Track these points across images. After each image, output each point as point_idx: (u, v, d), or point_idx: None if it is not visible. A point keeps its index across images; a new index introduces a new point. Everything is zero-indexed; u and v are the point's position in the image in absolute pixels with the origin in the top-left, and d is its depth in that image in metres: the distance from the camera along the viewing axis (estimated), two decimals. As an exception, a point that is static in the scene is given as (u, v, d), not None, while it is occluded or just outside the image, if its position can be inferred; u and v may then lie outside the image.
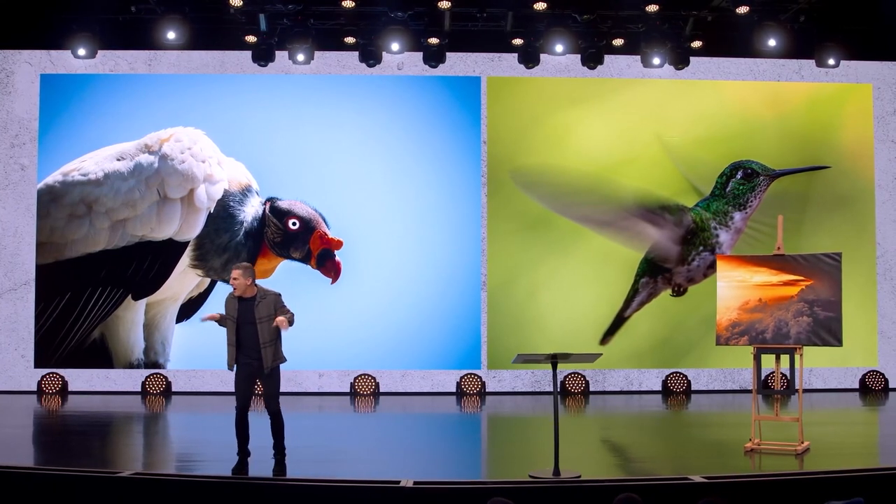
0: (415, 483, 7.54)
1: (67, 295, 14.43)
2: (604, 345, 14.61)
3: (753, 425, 9.54)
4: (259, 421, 8.69)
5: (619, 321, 14.72)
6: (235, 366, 8.45)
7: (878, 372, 15.11)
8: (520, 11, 13.89)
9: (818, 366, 14.79)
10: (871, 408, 13.90)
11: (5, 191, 14.74)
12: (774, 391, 10.05)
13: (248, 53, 14.16)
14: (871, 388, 15.01)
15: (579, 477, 7.89)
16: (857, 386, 15.11)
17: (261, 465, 8.36)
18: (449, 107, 15.05)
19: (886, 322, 15.21)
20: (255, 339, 8.36)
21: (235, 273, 8.41)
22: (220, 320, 8.46)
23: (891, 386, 15.04)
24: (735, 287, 9.78)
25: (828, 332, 9.38)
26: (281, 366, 8.64)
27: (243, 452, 8.38)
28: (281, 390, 14.36)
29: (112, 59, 14.82)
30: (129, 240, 14.32)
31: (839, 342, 9.34)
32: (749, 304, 9.68)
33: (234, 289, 8.41)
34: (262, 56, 14.05)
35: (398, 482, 7.57)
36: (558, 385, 8.62)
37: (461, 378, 14.77)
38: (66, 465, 8.46)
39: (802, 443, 9.37)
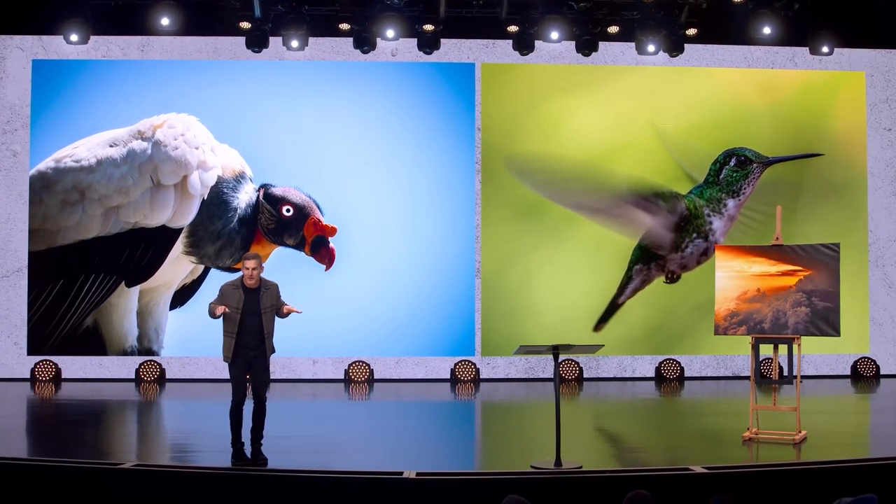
0: (417, 474, 7.56)
1: (60, 282, 14.37)
2: (597, 332, 14.66)
3: (751, 414, 9.58)
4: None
5: (612, 308, 14.76)
6: (231, 358, 8.35)
7: (869, 359, 15.20)
8: (515, -2, 13.89)
9: (810, 353, 14.84)
10: (864, 395, 14.00)
11: (-3, 177, 14.69)
12: (772, 381, 10.08)
13: (242, 39, 14.06)
14: (863, 375, 15.10)
15: (580, 467, 7.91)
16: (848, 373, 15.20)
17: (278, 456, 8.36)
18: (443, 93, 15.02)
19: (878, 309, 15.29)
20: (258, 329, 8.31)
21: (252, 264, 8.36)
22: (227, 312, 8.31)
23: (882, 372, 15.13)
24: (733, 277, 9.81)
25: (826, 322, 9.42)
26: (275, 353, 8.60)
27: (239, 442, 8.34)
28: (275, 377, 14.46)
29: (104, 44, 14.72)
30: (123, 227, 14.26)
31: (837, 332, 9.39)
32: (747, 295, 9.72)
33: (248, 279, 8.34)
34: (256, 42, 13.96)
35: (401, 473, 7.59)
36: (557, 374, 8.60)
37: (455, 365, 14.79)
38: (61, 457, 8.43)
39: (800, 432, 9.42)
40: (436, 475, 7.59)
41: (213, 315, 8.27)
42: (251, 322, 8.30)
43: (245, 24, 13.87)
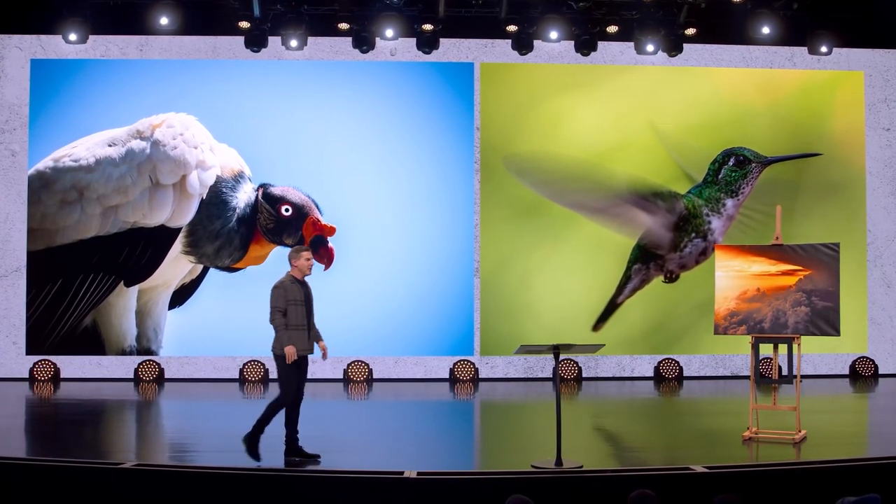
0: (418, 474, 7.55)
1: (59, 281, 14.35)
2: (596, 331, 14.65)
3: (751, 414, 9.59)
4: (254, 409, 8.64)
5: (611, 307, 14.75)
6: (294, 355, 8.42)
7: (867, 358, 15.22)
8: (514, -2, 13.90)
9: (809, 352, 14.83)
10: (862, 394, 14.01)
11: (-5, 177, 14.68)
12: (772, 380, 10.08)
13: (241, 39, 14.09)
14: (861, 375, 15.12)
15: (581, 467, 7.91)
16: (847, 372, 15.22)
17: (278, 455, 8.38)
18: (442, 93, 15.02)
19: (876, 309, 15.31)
20: (311, 322, 8.46)
21: (309, 255, 8.54)
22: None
23: (880, 372, 15.15)
24: (733, 277, 9.81)
25: (825, 321, 9.42)
26: (273, 353, 8.68)
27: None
28: (273, 377, 14.48)
29: (103, 44, 14.71)
30: (121, 226, 14.25)
31: (837, 332, 9.39)
32: (747, 294, 9.72)
33: (308, 270, 8.51)
34: (255, 42, 13.98)
35: (402, 473, 7.58)
36: (557, 374, 8.61)
37: (454, 364, 14.79)
38: (60, 456, 8.41)
39: (800, 431, 9.43)
40: (437, 475, 7.58)
41: (288, 359, 8.35)
42: (310, 316, 8.50)
43: (244, 24, 13.88)
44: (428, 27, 14.07)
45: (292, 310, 8.40)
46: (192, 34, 14.56)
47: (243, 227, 14.32)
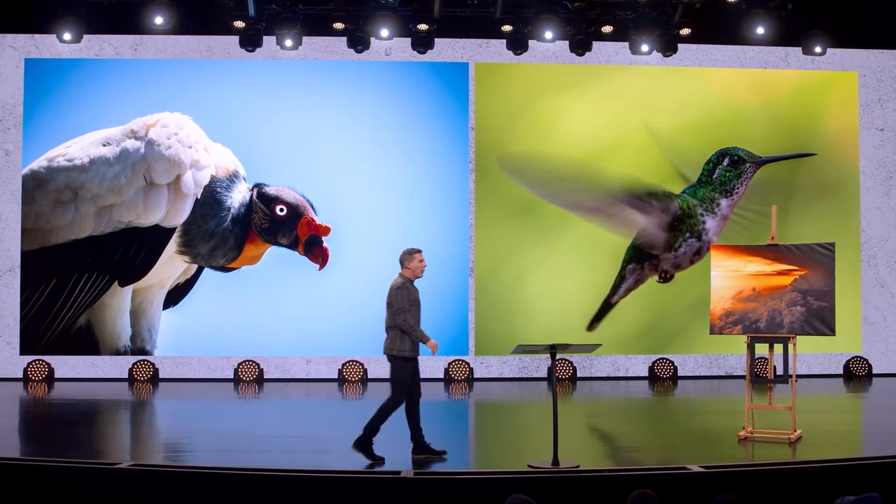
0: (415, 474, 7.55)
1: (53, 281, 14.32)
2: (591, 331, 14.64)
3: (747, 414, 9.60)
4: (252, 410, 8.63)
5: (606, 307, 14.72)
6: (412, 358, 8.48)
7: (861, 358, 15.26)
8: (509, -2, 13.92)
9: (803, 352, 14.79)
10: (856, 394, 14.05)
11: (-11, 176, 14.63)
12: (768, 380, 10.09)
13: (236, 38, 14.10)
14: (855, 374, 15.16)
15: (578, 467, 7.92)
16: (840, 372, 15.25)
17: (275, 455, 8.34)
18: (437, 93, 15.03)
19: (870, 308, 15.35)
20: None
21: (421, 256, 8.62)
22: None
23: (874, 371, 15.19)
24: (729, 276, 9.82)
25: (821, 321, 9.43)
26: (268, 352, 8.67)
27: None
28: (268, 377, 14.48)
29: (97, 43, 14.68)
30: (116, 226, 14.22)
31: (832, 332, 9.40)
32: (743, 294, 9.73)
33: (417, 273, 8.60)
34: (250, 41, 13.98)
35: (399, 473, 7.57)
36: (553, 373, 8.61)
37: (449, 364, 14.79)
38: (55, 456, 8.38)
39: (795, 431, 9.44)
40: (434, 475, 7.60)
41: (433, 350, 8.43)
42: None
43: (239, 24, 13.89)
44: (423, 27, 14.09)
45: (413, 311, 8.45)
46: (186, 34, 14.54)
47: (238, 226, 14.30)
